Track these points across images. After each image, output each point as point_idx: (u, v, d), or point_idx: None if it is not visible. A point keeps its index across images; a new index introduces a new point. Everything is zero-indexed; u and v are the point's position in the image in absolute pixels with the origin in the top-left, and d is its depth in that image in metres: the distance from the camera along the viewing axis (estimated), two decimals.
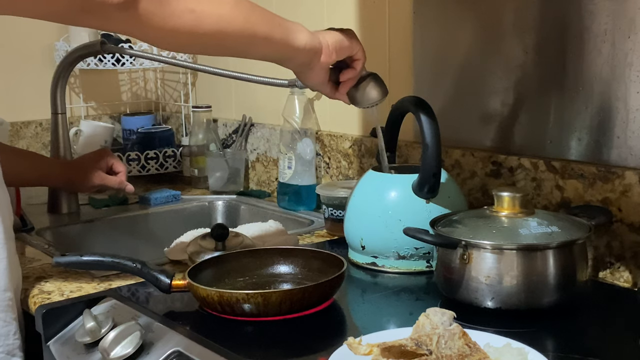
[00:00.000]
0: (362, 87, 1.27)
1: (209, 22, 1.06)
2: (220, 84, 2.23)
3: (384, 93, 1.29)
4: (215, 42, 1.11)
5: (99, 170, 1.86)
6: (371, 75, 1.28)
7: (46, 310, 1.27)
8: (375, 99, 1.28)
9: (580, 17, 1.32)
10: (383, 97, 1.29)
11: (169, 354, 1.09)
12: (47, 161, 1.93)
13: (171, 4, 1.03)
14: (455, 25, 1.54)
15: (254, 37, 1.13)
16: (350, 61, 1.25)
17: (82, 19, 1.03)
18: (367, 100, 1.28)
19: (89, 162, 1.88)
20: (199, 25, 1.06)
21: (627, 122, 1.28)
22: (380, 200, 1.36)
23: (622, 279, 1.30)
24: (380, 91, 1.28)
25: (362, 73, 1.27)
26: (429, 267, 1.34)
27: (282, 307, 1.15)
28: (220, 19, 1.08)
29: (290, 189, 1.87)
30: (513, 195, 1.21)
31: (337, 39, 1.20)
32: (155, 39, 1.10)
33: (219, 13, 1.08)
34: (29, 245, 1.66)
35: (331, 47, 1.19)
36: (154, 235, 1.93)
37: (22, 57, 2.32)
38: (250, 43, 1.14)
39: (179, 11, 1.03)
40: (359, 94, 1.28)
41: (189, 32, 1.06)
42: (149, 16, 1.02)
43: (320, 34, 1.20)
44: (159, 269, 1.25)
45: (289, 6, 1.92)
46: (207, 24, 1.06)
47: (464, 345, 0.93)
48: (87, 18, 1.03)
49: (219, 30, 1.08)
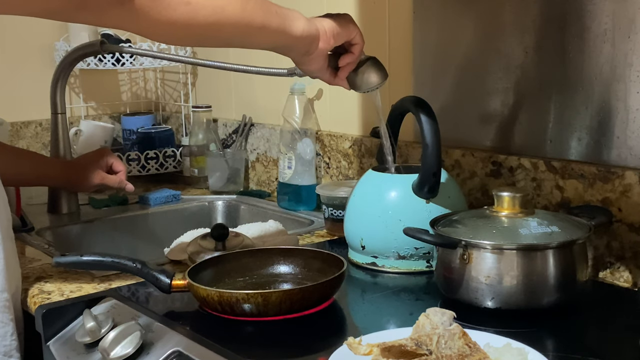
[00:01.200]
0: (361, 72, 1.26)
1: (204, 14, 1.06)
2: (220, 83, 2.23)
3: (384, 76, 1.27)
4: (212, 33, 1.11)
5: (98, 169, 1.86)
6: (370, 59, 1.27)
7: (46, 310, 1.27)
8: (375, 83, 1.27)
9: (580, 17, 1.32)
10: (383, 80, 1.27)
11: (169, 354, 1.09)
12: (47, 161, 1.93)
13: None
14: (455, 25, 1.54)
15: (251, 27, 1.12)
16: (348, 46, 1.24)
17: (77, 15, 1.03)
18: (367, 84, 1.27)
19: (89, 161, 1.88)
20: (194, 17, 1.05)
21: (627, 122, 1.28)
22: (380, 200, 1.36)
23: (622, 279, 1.30)
24: (380, 75, 1.27)
25: (361, 57, 1.26)
26: (429, 267, 1.34)
27: (282, 307, 1.15)
28: (216, 10, 1.07)
29: (290, 189, 1.87)
30: (513, 195, 1.21)
31: (334, 25, 1.19)
32: (150, 32, 1.09)
33: (215, 4, 1.07)
34: (29, 245, 1.66)
35: (329, 33, 1.18)
36: (154, 235, 1.93)
37: (22, 57, 2.32)
38: (246, 33, 1.13)
39: (175, 4, 1.03)
40: (359, 78, 1.26)
41: (184, 25, 1.05)
42: (145, 10, 1.01)
43: (317, 20, 1.19)
44: (159, 269, 1.25)
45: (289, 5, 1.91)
46: (202, 16, 1.06)
47: (464, 345, 0.93)
48: (82, 14, 1.02)
49: (215, 21, 1.07)
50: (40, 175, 1.84)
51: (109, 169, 1.89)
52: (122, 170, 1.89)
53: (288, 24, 1.15)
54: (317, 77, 1.28)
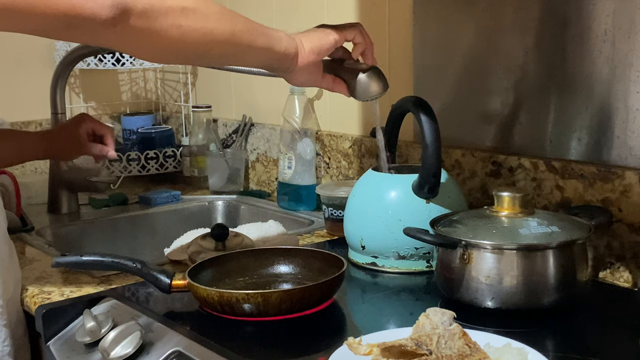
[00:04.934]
0: (362, 80, 1.27)
1: (195, 36, 1.08)
2: (220, 83, 2.23)
3: (384, 87, 1.28)
4: (202, 54, 1.13)
5: (78, 137, 1.75)
6: (372, 69, 1.28)
7: (46, 310, 1.27)
8: (375, 93, 1.28)
9: (580, 17, 1.32)
10: (383, 91, 1.28)
11: (169, 354, 1.09)
12: (24, 135, 1.83)
13: (158, 20, 1.03)
14: (455, 25, 1.54)
15: (239, 47, 1.14)
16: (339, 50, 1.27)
17: (68, 34, 1.04)
18: (367, 93, 1.28)
19: (67, 129, 1.78)
20: (185, 39, 1.07)
21: (627, 122, 1.28)
22: (380, 200, 1.36)
23: (622, 279, 1.30)
24: (380, 85, 1.28)
25: (364, 66, 1.27)
26: (429, 267, 1.34)
27: (282, 307, 1.15)
28: (206, 33, 1.09)
29: (290, 189, 1.87)
30: (513, 195, 1.21)
31: (314, 39, 1.21)
32: (141, 53, 1.11)
33: (205, 27, 1.08)
34: (29, 245, 1.66)
35: (307, 49, 1.20)
36: (154, 235, 1.94)
37: (22, 57, 2.32)
38: (235, 53, 1.16)
39: (166, 26, 1.04)
40: (359, 86, 1.27)
41: (175, 47, 1.07)
42: (137, 32, 1.02)
43: (298, 36, 1.21)
44: (159, 269, 1.25)
45: (289, 6, 1.92)
46: (193, 38, 1.07)
47: (464, 345, 0.93)
48: (74, 34, 1.03)
49: (205, 42, 1.10)
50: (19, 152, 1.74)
51: (91, 134, 1.77)
52: (107, 134, 1.77)
53: (272, 42, 1.17)
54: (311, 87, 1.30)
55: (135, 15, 1.00)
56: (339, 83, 1.28)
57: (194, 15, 1.07)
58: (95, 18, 0.98)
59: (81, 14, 0.97)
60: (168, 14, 1.03)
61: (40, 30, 1.03)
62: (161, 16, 1.03)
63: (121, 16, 0.99)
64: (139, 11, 1.00)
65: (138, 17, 1.01)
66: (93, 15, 0.97)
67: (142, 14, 1.01)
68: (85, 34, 1.02)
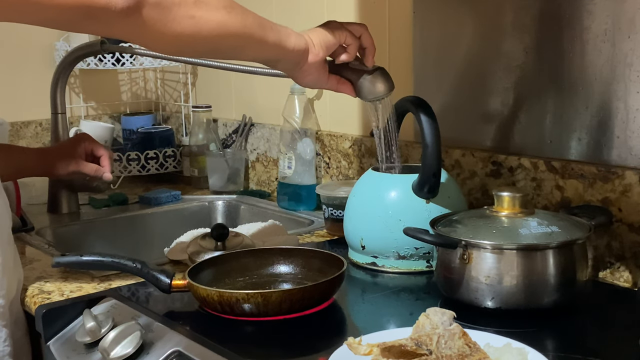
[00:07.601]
0: (368, 81, 1.27)
1: (208, 28, 1.09)
2: (220, 83, 2.23)
3: (391, 87, 1.28)
4: (213, 45, 1.14)
5: (76, 156, 1.77)
6: (379, 70, 1.28)
7: (46, 310, 1.27)
8: (381, 93, 1.28)
9: (580, 17, 1.32)
10: (389, 91, 1.28)
11: (169, 354, 1.09)
12: (22, 151, 1.83)
13: (172, 10, 1.05)
14: (455, 25, 1.54)
15: (249, 40, 1.15)
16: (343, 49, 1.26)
17: (85, 25, 1.05)
18: (373, 93, 1.28)
19: (65, 148, 1.80)
20: (198, 30, 1.08)
21: (627, 122, 1.28)
22: (380, 200, 1.36)
23: (622, 279, 1.30)
24: (387, 85, 1.28)
25: (369, 67, 1.27)
26: (429, 267, 1.34)
27: (282, 307, 1.15)
28: (219, 24, 1.10)
29: (290, 189, 1.87)
30: (513, 195, 1.21)
31: (322, 36, 1.22)
32: (154, 44, 1.12)
33: (218, 18, 1.10)
34: (29, 245, 1.66)
35: (317, 45, 1.21)
36: (154, 235, 1.93)
37: (22, 57, 2.32)
38: (245, 46, 1.17)
39: (180, 17, 1.06)
40: (365, 87, 1.27)
41: (188, 37, 1.09)
42: (151, 22, 1.04)
43: (306, 33, 1.22)
44: (159, 269, 1.25)
45: (289, 6, 1.92)
46: (206, 29, 1.09)
47: (464, 345, 0.93)
48: (90, 24, 1.05)
49: (217, 34, 1.11)
50: (17, 169, 1.75)
51: (89, 155, 1.79)
52: (104, 155, 1.80)
53: (283, 38, 1.18)
54: (317, 88, 1.30)
55: (149, 5, 1.02)
56: (343, 83, 1.28)
57: (207, 6, 1.08)
58: (111, 7, 1.00)
59: (97, 3, 0.99)
60: (181, 5, 1.06)
61: (59, 21, 1.05)
62: (175, 7, 1.05)
63: (136, 6, 1.01)
64: (153, 1, 1.02)
65: (152, 7, 1.03)
66: (108, 5, 1.00)
67: (156, 4, 1.03)
68: (100, 24, 1.04)
